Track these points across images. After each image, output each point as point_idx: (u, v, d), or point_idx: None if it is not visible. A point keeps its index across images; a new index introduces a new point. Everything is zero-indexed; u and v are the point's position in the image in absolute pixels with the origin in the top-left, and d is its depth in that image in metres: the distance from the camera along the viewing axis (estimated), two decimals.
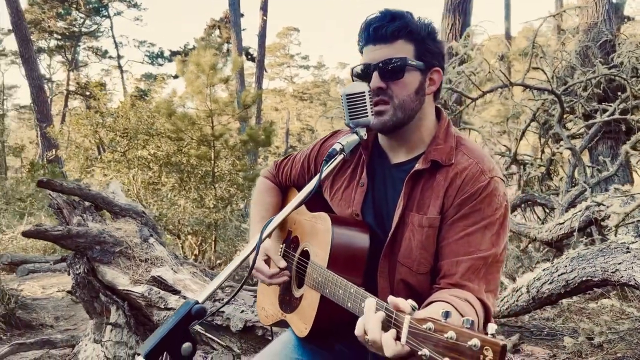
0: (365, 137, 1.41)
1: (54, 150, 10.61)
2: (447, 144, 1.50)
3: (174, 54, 30.60)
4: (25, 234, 2.97)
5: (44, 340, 3.98)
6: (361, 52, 1.52)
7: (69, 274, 3.28)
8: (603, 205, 3.85)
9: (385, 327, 1.08)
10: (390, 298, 1.10)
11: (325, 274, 1.44)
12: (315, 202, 1.72)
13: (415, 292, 1.46)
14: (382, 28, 1.42)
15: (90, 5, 31.14)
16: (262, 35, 21.44)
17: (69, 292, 3.51)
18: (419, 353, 0.98)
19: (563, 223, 4.26)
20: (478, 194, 1.41)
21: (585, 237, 4.67)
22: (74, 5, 30.36)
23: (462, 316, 1.25)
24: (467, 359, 0.90)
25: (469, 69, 5.62)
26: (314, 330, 1.48)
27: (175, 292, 2.87)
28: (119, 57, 33.51)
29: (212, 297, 2.64)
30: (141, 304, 2.94)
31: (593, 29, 5.56)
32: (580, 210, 4.05)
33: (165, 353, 0.97)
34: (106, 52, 34.01)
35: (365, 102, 1.39)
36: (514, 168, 6.06)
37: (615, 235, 2.96)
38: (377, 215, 1.56)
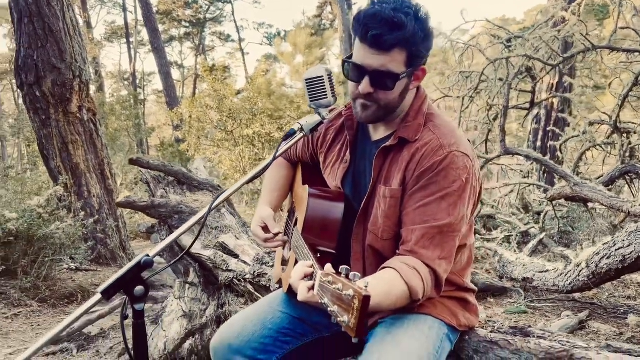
0: (327, 117, 1.56)
1: (172, 131, 11.77)
2: (416, 122, 1.59)
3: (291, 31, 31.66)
4: (118, 204, 3.52)
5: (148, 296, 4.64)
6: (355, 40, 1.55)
7: (156, 242, 3.81)
8: None
9: (308, 279, 1.27)
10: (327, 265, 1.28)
11: (297, 238, 1.64)
12: (316, 176, 1.92)
13: (381, 256, 1.60)
14: (380, 37, 1.42)
15: None
16: None
17: (158, 254, 4.06)
18: (320, 301, 1.16)
19: None
20: (435, 167, 1.50)
21: None
22: None
23: (406, 282, 1.39)
24: (345, 306, 1.06)
25: (564, 32, 5.26)
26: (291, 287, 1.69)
27: (236, 256, 3.23)
28: (240, 40, 35.45)
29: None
30: (210, 266, 3.34)
31: None
32: None
33: (125, 300, 1.26)
34: (229, 36, 36.14)
35: (324, 85, 1.54)
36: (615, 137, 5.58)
37: None
38: (355, 188, 1.71)
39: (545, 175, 7.94)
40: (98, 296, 1.20)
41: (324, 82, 1.54)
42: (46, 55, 6.97)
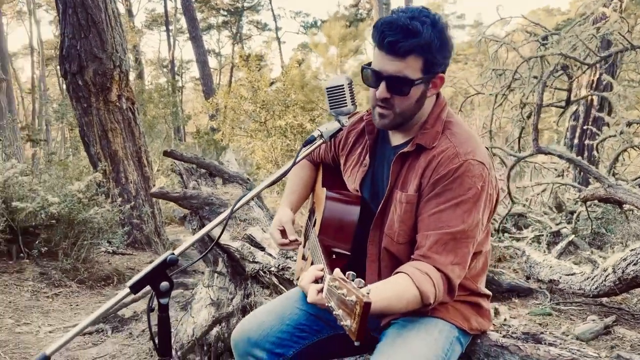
0: (346, 124, 1.62)
1: (207, 120, 12.00)
2: (434, 129, 1.63)
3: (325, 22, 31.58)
4: (152, 195, 3.67)
5: (178, 282, 4.82)
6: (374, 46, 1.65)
7: (189, 229, 3.96)
8: None
9: (318, 282, 1.35)
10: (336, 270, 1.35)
11: (314, 239, 1.72)
12: (336, 178, 1.99)
13: (396, 259, 1.66)
14: (396, 43, 1.46)
15: None
16: None
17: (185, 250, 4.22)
18: (327, 304, 1.23)
19: None
20: (450, 175, 1.54)
21: None
22: None
23: (417, 286, 1.45)
24: (349, 311, 1.13)
25: (604, 29, 5.12)
26: None
27: (262, 248, 3.33)
28: (277, 29, 35.53)
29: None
30: (237, 257, 3.46)
31: None
32: None
33: (152, 293, 1.36)
34: (266, 24, 36.31)
35: (344, 94, 1.59)
36: None
37: None
38: (373, 192, 1.77)
39: (581, 173, 7.76)
40: (127, 290, 1.30)
41: (344, 91, 1.59)
42: (88, 46, 7.22)
